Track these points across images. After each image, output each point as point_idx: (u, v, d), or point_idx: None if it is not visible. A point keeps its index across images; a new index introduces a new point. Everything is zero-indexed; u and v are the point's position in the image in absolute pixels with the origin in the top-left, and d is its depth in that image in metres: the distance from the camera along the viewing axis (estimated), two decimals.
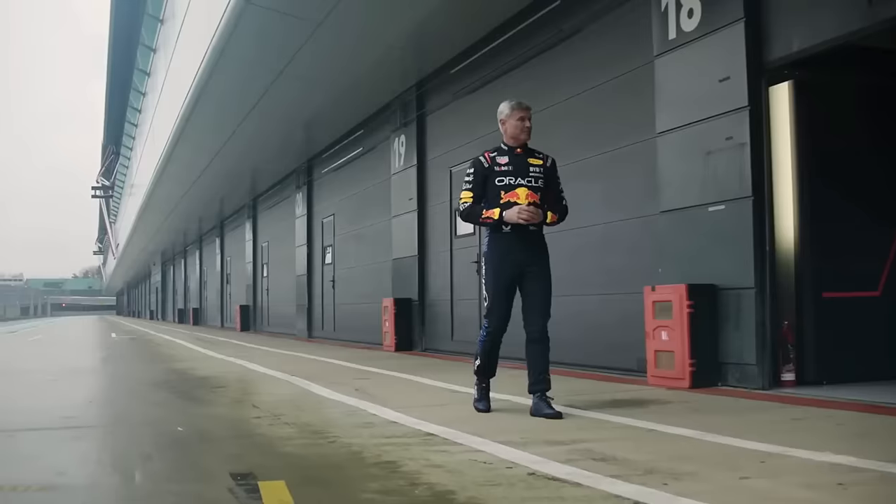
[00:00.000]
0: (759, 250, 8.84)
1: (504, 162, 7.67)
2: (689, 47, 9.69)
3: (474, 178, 7.76)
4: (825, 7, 8.33)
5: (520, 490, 4.59)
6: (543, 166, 7.76)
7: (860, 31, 8.00)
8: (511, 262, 7.59)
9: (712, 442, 5.84)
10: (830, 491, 4.32)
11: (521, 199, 7.51)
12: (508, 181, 7.58)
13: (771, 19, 8.95)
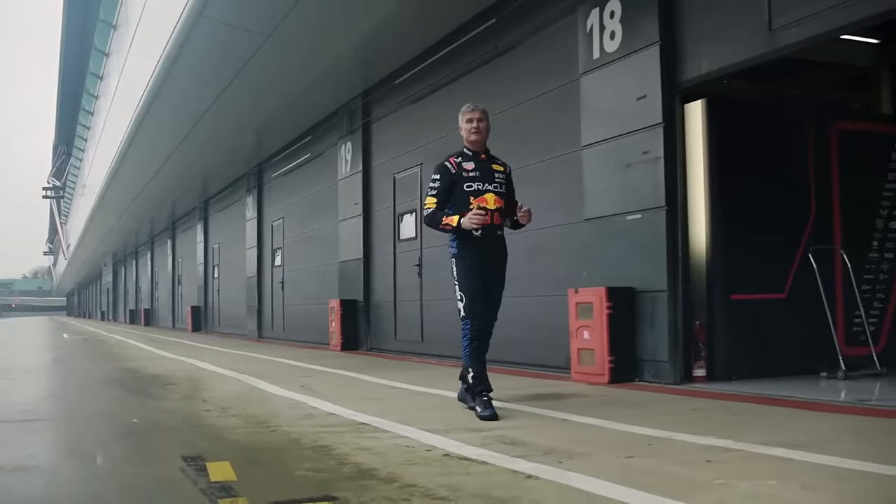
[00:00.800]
0: (671, 256, 9.56)
1: (471, 168, 7.78)
2: (611, 67, 10.41)
3: (440, 184, 7.80)
4: (731, 33, 9.07)
5: (434, 468, 5.26)
6: (505, 173, 7.95)
7: (761, 55, 8.74)
8: (482, 262, 7.75)
9: (612, 429, 6.54)
10: (697, 466, 5.03)
11: (489, 204, 7.68)
12: (477, 186, 7.71)
13: (684, 43, 9.69)
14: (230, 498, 4.46)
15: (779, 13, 8.46)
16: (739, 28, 8.96)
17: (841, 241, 10.61)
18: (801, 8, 8.19)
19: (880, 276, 10.99)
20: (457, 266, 7.84)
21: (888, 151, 11.11)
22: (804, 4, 8.16)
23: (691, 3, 9.64)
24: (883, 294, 10.99)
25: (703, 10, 9.50)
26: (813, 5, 8.06)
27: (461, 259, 7.80)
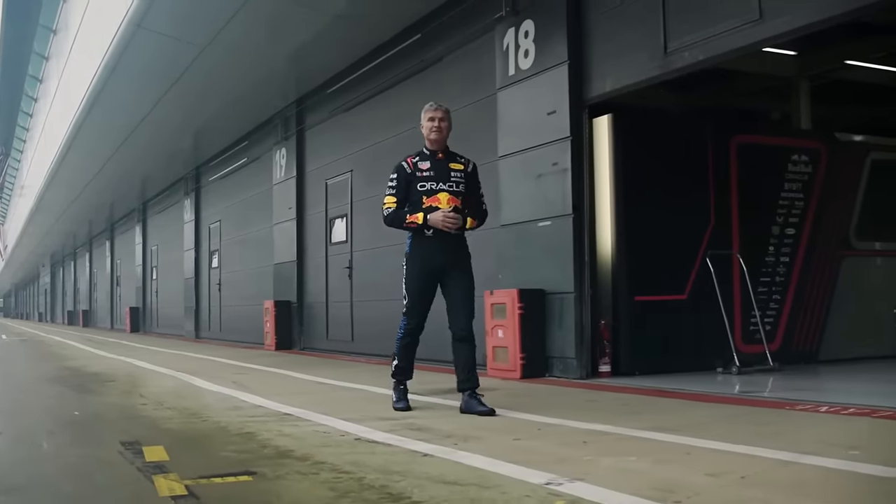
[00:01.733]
0: (578, 260, 10.30)
1: (426, 167, 7.81)
2: (525, 83, 11.14)
3: (397, 183, 7.85)
4: (631, 55, 9.84)
5: (344, 449, 5.92)
6: (465, 171, 7.91)
7: (657, 76, 9.54)
8: (432, 264, 7.77)
9: (509, 417, 7.26)
10: (574, 446, 5.75)
11: (442, 204, 7.68)
12: (430, 186, 7.73)
13: (590, 63, 10.45)
14: (163, 474, 5.07)
15: (673, 38, 9.25)
16: (639, 50, 9.72)
17: (739, 246, 11.38)
18: (693, 34, 8.99)
19: (776, 279, 11.79)
20: (406, 266, 7.92)
21: (784, 162, 11.89)
22: (695, 31, 8.96)
23: (597, 27, 10.39)
24: (779, 296, 11.79)
25: (607, 32, 10.26)
26: (702, 32, 8.86)
27: (411, 259, 7.89)
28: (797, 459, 5.02)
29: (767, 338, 11.26)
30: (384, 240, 15.10)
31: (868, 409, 7.05)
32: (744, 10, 8.39)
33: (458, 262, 7.89)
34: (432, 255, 7.79)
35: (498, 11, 11.67)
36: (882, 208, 12.63)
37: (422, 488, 4.54)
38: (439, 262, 7.80)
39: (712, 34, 8.76)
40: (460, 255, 7.92)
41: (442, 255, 7.79)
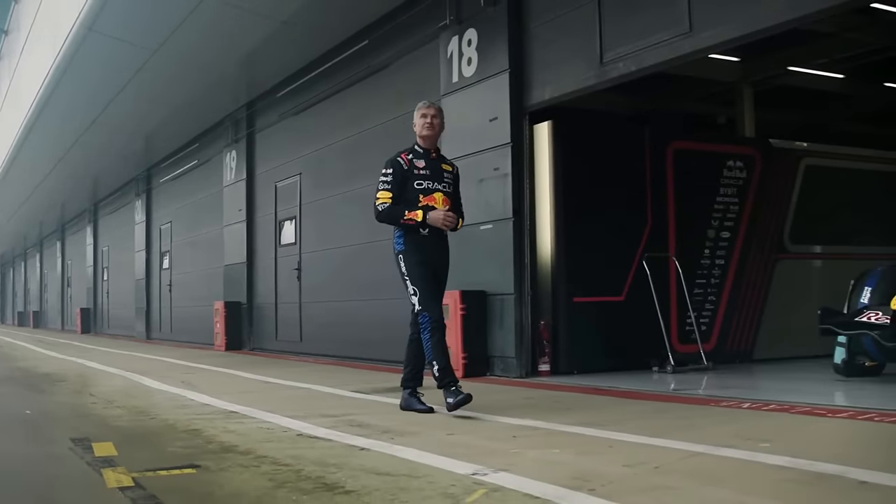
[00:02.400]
0: (518, 263, 10.62)
1: (422, 165, 7.75)
2: (468, 90, 11.46)
3: (393, 179, 7.71)
4: (569, 64, 10.19)
5: (285, 444, 6.20)
6: (452, 173, 7.95)
7: (594, 85, 9.91)
8: (428, 259, 7.71)
9: (448, 413, 7.53)
10: (503, 440, 6.06)
11: (438, 204, 7.67)
12: (427, 185, 7.68)
13: (530, 71, 10.80)
14: (111, 467, 5.31)
15: (609, 49, 9.61)
16: (577, 60, 10.08)
17: (675, 249, 11.74)
18: (627, 45, 9.37)
19: (712, 281, 12.17)
20: (405, 262, 7.73)
21: (720, 168, 12.26)
22: (629, 43, 9.34)
23: (537, 37, 10.74)
24: (714, 297, 12.17)
25: (546, 42, 10.61)
26: (636, 43, 9.24)
27: (409, 255, 7.72)
28: (710, 451, 5.34)
29: (703, 338, 11.63)
30: (332, 242, 15.42)
31: (787, 405, 7.40)
32: (675, 24, 8.77)
33: (445, 263, 7.94)
34: (427, 251, 7.74)
35: (442, 20, 11.99)
36: (815, 213, 13.03)
37: (355, 479, 4.83)
38: (433, 258, 7.77)
39: (645, 46, 9.14)
40: (447, 256, 7.96)
41: (434, 253, 7.78)
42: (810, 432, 6.29)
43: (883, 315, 8.79)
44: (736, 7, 8.33)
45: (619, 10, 9.57)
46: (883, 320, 8.74)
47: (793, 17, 7.99)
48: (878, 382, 9.15)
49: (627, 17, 9.45)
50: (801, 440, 5.93)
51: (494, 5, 11.13)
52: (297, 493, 4.53)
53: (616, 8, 9.61)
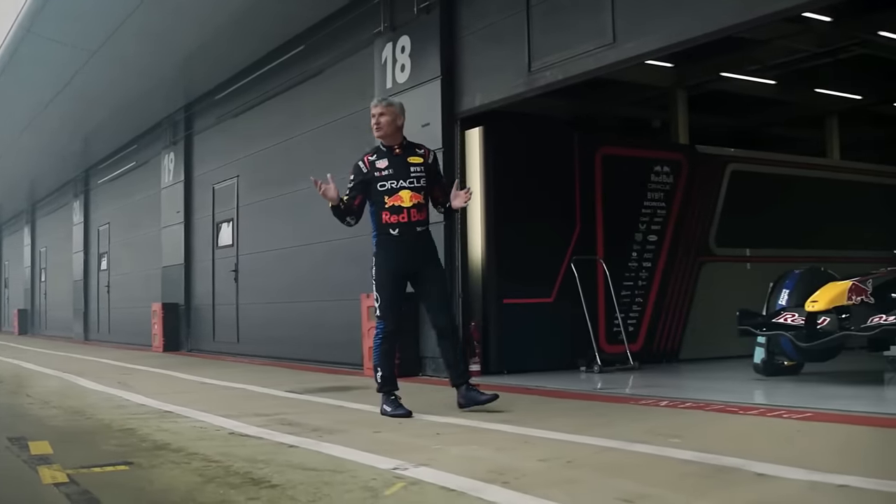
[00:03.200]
0: (449, 265, 10.84)
1: (384, 166, 7.63)
2: (402, 96, 11.61)
3: (354, 182, 7.69)
4: (499, 72, 10.48)
5: (217, 441, 6.42)
6: (424, 163, 7.76)
7: (523, 93, 10.19)
8: (399, 263, 7.61)
9: (374, 412, 7.74)
10: (428, 437, 6.32)
11: (405, 202, 7.54)
12: (391, 185, 7.56)
13: (462, 78, 11.06)
14: (47, 465, 5.50)
15: (536, 58, 9.91)
16: (506, 68, 10.35)
17: (603, 251, 12.02)
18: (553, 55, 9.67)
19: (639, 283, 12.48)
20: (375, 265, 7.75)
21: (647, 173, 12.57)
22: (555, 52, 9.65)
23: (469, 44, 11.00)
24: (641, 299, 12.48)
25: (477, 50, 10.89)
26: (562, 53, 9.55)
27: (378, 258, 7.72)
28: (623, 447, 5.62)
29: (630, 338, 11.93)
30: (269, 244, 15.59)
31: (703, 402, 7.71)
32: (599, 35, 9.09)
33: (427, 260, 7.77)
34: (398, 254, 7.64)
35: (377, 27, 12.21)
36: (740, 216, 13.38)
37: (282, 474, 5.06)
38: (408, 260, 7.65)
39: (571, 56, 9.45)
40: (428, 252, 7.81)
41: (408, 254, 7.64)
42: (720, 428, 6.59)
43: (798, 316, 9.11)
44: (657, 20, 8.65)
45: (547, 20, 9.86)
46: (798, 321, 9.06)
47: (711, 29, 8.31)
48: (795, 381, 9.47)
49: (555, 28, 9.74)
50: (709, 436, 6.23)
51: (428, 13, 11.36)
52: (224, 488, 4.75)
53: (544, 19, 9.90)
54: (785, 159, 14.81)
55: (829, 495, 4.25)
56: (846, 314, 8.89)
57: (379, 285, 7.72)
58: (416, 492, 4.54)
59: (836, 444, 5.81)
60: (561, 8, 9.71)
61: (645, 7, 8.78)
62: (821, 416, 6.80)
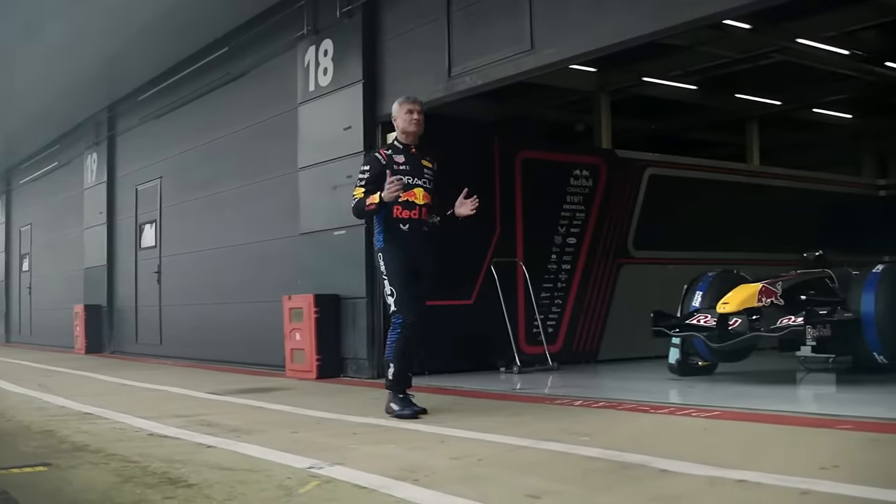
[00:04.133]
0: (369, 268, 10.95)
1: (401, 161, 7.57)
2: (324, 99, 11.78)
3: (370, 175, 7.53)
4: (419, 77, 10.60)
5: (136, 443, 6.48)
6: (433, 169, 7.82)
7: (443, 97, 10.31)
8: (409, 256, 7.52)
9: (295, 413, 7.89)
10: (344, 437, 6.44)
11: (418, 199, 7.53)
12: (407, 180, 7.47)
13: (383, 82, 11.18)
14: None
15: (456, 64, 10.05)
16: (426, 73, 10.48)
17: (523, 254, 12.20)
18: (473, 61, 9.82)
19: (558, 285, 12.67)
20: (384, 259, 7.56)
21: (567, 177, 12.76)
22: (475, 58, 9.80)
23: (390, 49, 11.13)
24: (560, 300, 12.67)
25: (399, 55, 11.02)
26: (481, 59, 9.70)
27: (388, 252, 7.55)
28: (534, 445, 5.77)
29: (549, 340, 12.13)
30: (193, 245, 15.58)
31: (616, 402, 7.91)
32: (518, 42, 9.26)
33: (425, 262, 7.70)
34: (408, 247, 7.53)
35: (300, 30, 12.29)
36: (657, 220, 13.63)
37: (198, 473, 5.14)
38: (414, 255, 7.56)
39: (490, 61, 9.61)
40: (429, 252, 7.76)
41: (415, 249, 7.57)
42: (630, 427, 6.77)
43: (711, 318, 9.33)
44: (576, 27, 8.83)
45: (467, 26, 10.00)
46: (711, 323, 9.28)
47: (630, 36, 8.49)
48: (708, 381, 9.69)
49: (474, 34, 9.89)
50: (618, 434, 6.41)
51: (350, 17, 11.46)
52: (141, 488, 4.83)
53: (464, 25, 10.05)
54: (701, 164, 15.14)
55: (727, 490, 4.41)
56: (756, 316, 9.11)
57: (392, 278, 7.51)
58: (330, 490, 4.65)
59: (740, 442, 5.99)
60: (481, 14, 9.86)
61: (563, 14, 8.95)
62: (729, 414, 7.01)
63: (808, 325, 8.48)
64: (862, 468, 4.80)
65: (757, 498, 4.25)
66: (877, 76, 20.83)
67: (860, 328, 8.61)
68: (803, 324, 8.51)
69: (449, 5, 10.19)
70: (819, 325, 8.55)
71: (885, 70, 20.22)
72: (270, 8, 13.09)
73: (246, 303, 13.83)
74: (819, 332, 8.57)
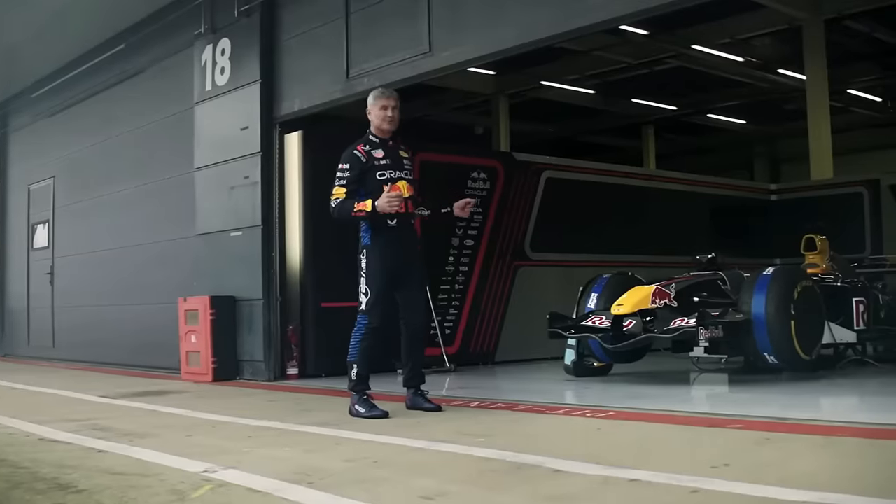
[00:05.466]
0: (266, 269, 10.92)
1: (381, 155, 7.44)
2: (221, 99, 11.68)
3: (350, 174, 7.41)
4: (318, 78, 10.60)
5: (26, 447, 6.36)
6: (410, 158, 7.70)
7: (341, 99, 10.31)
8: (394, 257, 7.41)
9: (189, 416, 7.82)
10: (239, 440, 6.39)
11: (403, 192, 7.35)
12: (390, 175, 7.37)
13: (281, 83, 11.12)
14: None
15: (355, 65, 10.05)
16: (324, 74, 10.47)
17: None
18: (371, 62, 9.84)
19: (456, 287, 12.69)
20: (367, 258, 7.45)
21: (464, 179, 12.79)
22: (373, 59, 9.82)
23: (289, 49, 11.08)
24: (458, 302, 12.69)
25: (297, 55, 10.98)
26: (379, 60, 9.71)
27: (373, 251, 7.43)
28: (430, 446, 5.79)
29: (447, 341, 12.13)
30: (87, 246, 15.35)
31: (512, 403, 7.96)
32: (416, 44, 9.29)
33: (415, 258, 7.64)
34: (394, 248, 7.42)
35: (197, 28, 12.16)
36: (554, 222, 13.72)
37: (89, 479, 5.07)
38: (400, 254, 7.46)
39: (388, 63, 9.61)
40: (416, 249, 7.69)
41: (402, 248, 7.47)
42: (525, 428, 6.82)
43: (605, 319, 9.43)
44: (473, 30, 8.89)
45: (366, 28, 9.99)
46: (605, 324, 9.38)
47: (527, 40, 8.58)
48: (603, 382, 9.80)
49: (373, 36, 9.89)
50: (514, 435, 6.45)
51: (248, 16, 11.38)
52: (31, 494, 4.74)
53: (363, 26, 10.04)
54: (598, 167, 15.26)
55: (619, 489, 4.47)
56: (650, 317, 9.23)
57: (369, 279, 7.46)
58: (223, 494, 4.61)
59: (634, 441, 6.07)
60: (379, 16, 9.86)
61: (461, 17, 9.00)
62: (623, 414, 7.10)
63: (700, 327, 8.61)
64: (752, 467, 4.88)
65: (648, 496, 4.31)
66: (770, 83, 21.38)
67: (751, 329, 8.75)
68: (696, 325, 8.63)
69: (348, 6, 10.18)
70: (711, 327, 8.68)
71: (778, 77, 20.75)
72: (168, 5, 12.94)
73: (141, 305, 13.65)
74: (711, 334, 8.70)
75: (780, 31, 18.11)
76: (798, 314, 8.73)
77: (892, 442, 5.41)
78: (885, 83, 23.10)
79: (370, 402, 7.45)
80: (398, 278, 7.52)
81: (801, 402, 7.83)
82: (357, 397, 7.47)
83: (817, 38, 17.04)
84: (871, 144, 26.44)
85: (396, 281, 7.52)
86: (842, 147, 19.48)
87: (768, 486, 4.23)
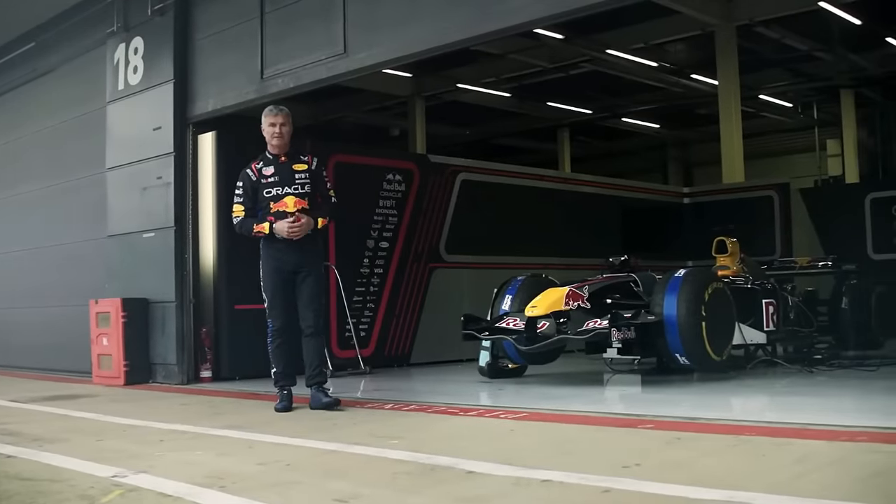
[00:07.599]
0: (179, 271, 10.81)
1: (270, 173, 7.89)
2: (133, 98, 11.56)
3: (244, 192, 7.97)
4: (232, 78, 10.54)
5: None
6: (308, 170, 8.00)
7: (255, 99, 10.24)
8: (283, 263, 7.86)
9: (100, 420, 7.74)
10: (151, 444, 6.34)
11: (289, 208, 7.76)
12: (276, 192, 7.81)
13: (195, 83, 11.03)
14: None
15: (269, 65, 10.01)
16: (238, 74, 10.41)
17: (336, 258, 12.13)
18: (286, 63, 9.82)
19: (371, 289, 12.66)
20: (262, 269, 8.02)
21: (379, 181, 12.79)
22: (287, 60, 9.81)
23: (202, 49, 10.99)
24: (373, 304, 12.66)
25: (211, 55, 10.90)
26: (294, 61, 9.70)
27: (263, 260, 7.99)
28: (343, 449, 5.79)
29: (362, 343, 12.11)
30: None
31: (426, 405, 7.97)
32: (331, 45, 9.29)
33: (307, 262, 7.95)
34: (281, 255, 7.87)
35: (110, 27, 12.02)
36: (469, 225, 13.76)
37: None
38: (290, 261, 7.87)
39: (303, 64, 9.60)
40: (311, 255, 8.01)
41: (292, 255, 7.85)
42: (439, 429, 6.85)
43: (519, 321, 9.47)
44: (388, 32, 8.91)
45: (281, 28, 9.96)
46: (519, 326, 9.42)
47: (442, 42, 8.65)
48: (517, 383, 9.83)
49: (288, 36, 9.86)
50: (427, 437, 6.48)
51: (162, 15, 11.27)
52: None
53: (277, 27, 10.00)
54: (513, 170, 15.32)
55: (531, 489, 4.51)
56: (564, 319, 9.29)
57: (265, 285, 8.02)
58: (134, 499, 4.58)
59: (547, 442, 6.13)
60: (295, 17, 9.83)
61: (376, 19, 9.03)
62: (536, 415, 7.15)
63: (613, 328, 8.70)
64: (662, 466, 4.95)
65: (560, 497, 4.36)
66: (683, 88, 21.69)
67: (663, 330, 8.86)
68: (609, 326, 8.72)
69: (263, 7, 10.13)
70: (624, 328, 8.78)
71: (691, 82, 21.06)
72: (79, 3, 12.77)
73: (52, 307, 13.43)
74: (624, 335, 8.81)
75: (694, 37, 18.38)
76: (709, 315, 8.85)
77: (800, 441, 5.50)
78: (795, 89, 23.55)
79: (281, 394, 8.02)
80: (290, 282, 7.96)
81: (712, 401, 7.95)
82: (279, 392, 8.03)
83: (729, 44, 17.35)
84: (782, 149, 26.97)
85: (289, 284, 7.96)
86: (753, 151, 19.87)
87: (679, 486, 4.31)
